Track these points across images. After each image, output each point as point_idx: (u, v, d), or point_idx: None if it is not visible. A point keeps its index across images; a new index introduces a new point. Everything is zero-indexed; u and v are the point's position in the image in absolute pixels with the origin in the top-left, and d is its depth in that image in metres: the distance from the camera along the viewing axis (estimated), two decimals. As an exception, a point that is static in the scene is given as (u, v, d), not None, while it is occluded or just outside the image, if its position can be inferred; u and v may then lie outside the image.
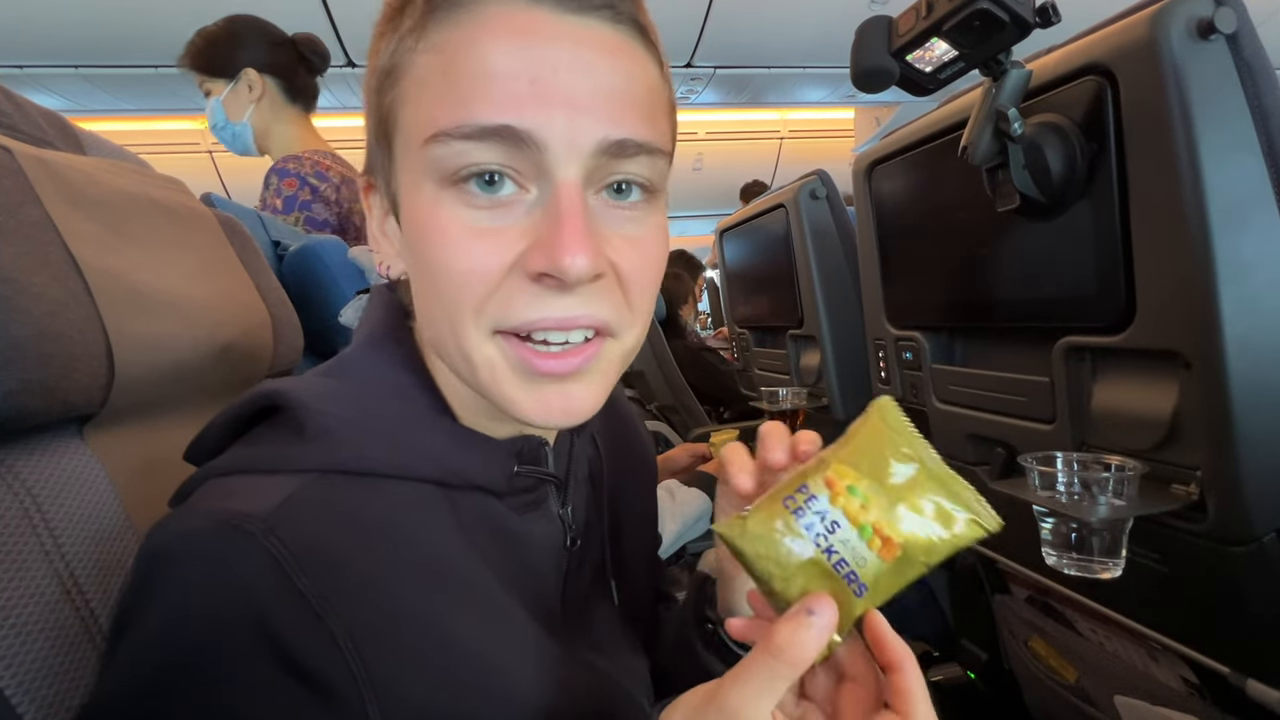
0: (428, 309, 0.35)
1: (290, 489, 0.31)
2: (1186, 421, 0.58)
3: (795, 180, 1.28)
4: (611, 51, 0.32)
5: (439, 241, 0.32)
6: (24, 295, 0.35)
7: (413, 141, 0.32)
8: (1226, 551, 0.59)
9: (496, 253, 0.31)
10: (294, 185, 1.28)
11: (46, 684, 0.33)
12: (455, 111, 0.30)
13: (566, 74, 0.30)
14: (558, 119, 0.30)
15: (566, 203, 0.31)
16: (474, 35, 0.31)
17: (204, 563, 0.28)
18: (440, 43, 0.31)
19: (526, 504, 0.40)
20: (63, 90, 2.59)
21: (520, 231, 0.32)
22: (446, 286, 0.32)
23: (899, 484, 0.30)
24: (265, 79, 1.31)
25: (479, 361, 0.33)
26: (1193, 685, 0.72)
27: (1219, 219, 0.53)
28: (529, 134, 0.30)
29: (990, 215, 0.69)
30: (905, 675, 0.29)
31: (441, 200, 0.32)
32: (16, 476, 0.36)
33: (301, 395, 0.34)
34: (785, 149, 4.28)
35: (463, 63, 0.31)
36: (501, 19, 0.31)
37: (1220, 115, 0.53)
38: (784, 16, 2.58)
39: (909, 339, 0.96)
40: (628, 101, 0.32)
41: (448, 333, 0.34)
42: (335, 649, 0.28)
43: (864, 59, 0.61)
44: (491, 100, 0.30)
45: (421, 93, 0.32)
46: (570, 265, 0.30)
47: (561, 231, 0.30)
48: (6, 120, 0.47)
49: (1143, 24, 0.55)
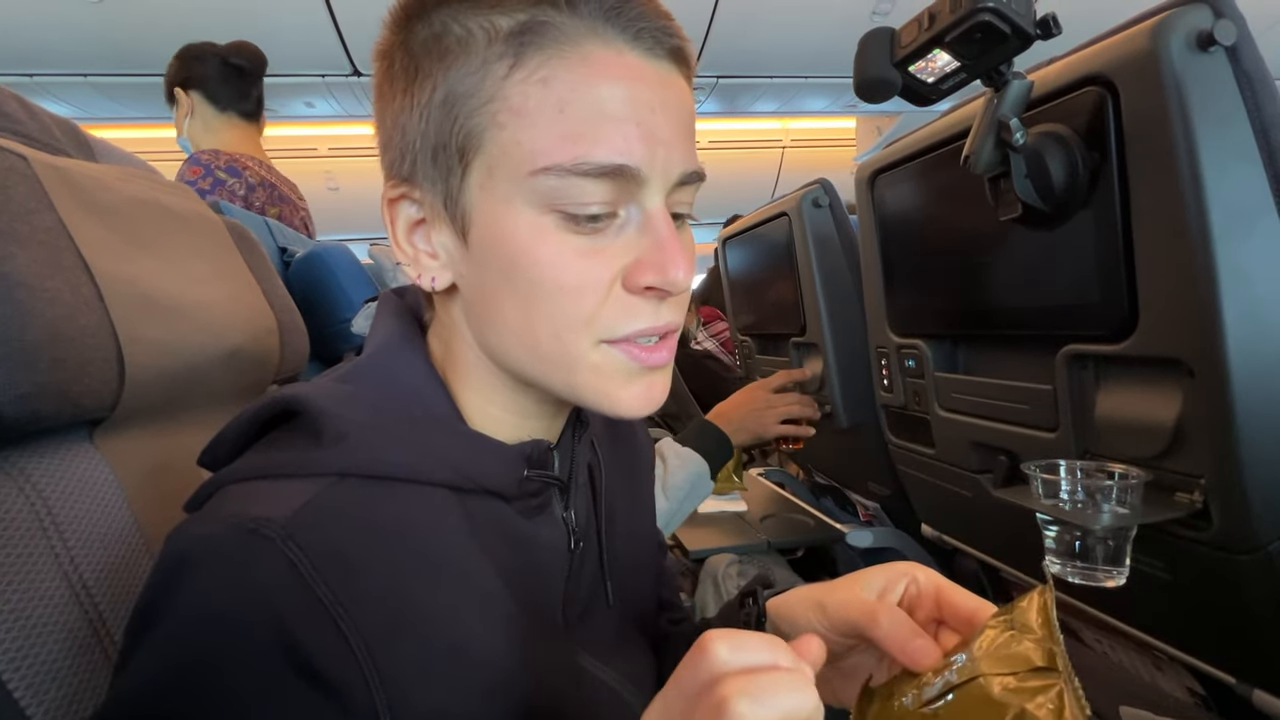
0: (516, 322, 0.36)
1: (308, 494, 0.31)
2: (1190, 429, 0.58)
3: (797, 189, 1.29)
4: (680, 91, 0.37)
5: (544, 261, 0.34)
6: (37, 300, 0.36)
7: (514, 168, 0.34)
8: (1232, 560, 0.58)
9: (602, 269, 0.35)
10: (198, 173, 1.33)
11: (54, 686, 0.33)
12: (572, 148, 0.33)
13: (660, 115, 0.35)
14: (658, 157, 0.34)
15: (665, 226, 0.35)
16: (587, 76, 0.33)
17: (223, 567, 0.28)
18: (547, 77, 0.33)
19: (533, 507, 0.40)
20: (72, 99, 2.62)
21: (618, 250, 0.35)
22: (554, 303, 0.35)
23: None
24: (191, 94, 1.41)
25: (586, 367, 0.36)
26: (1199, 696, 0.71)
27: (1220, 228, 0.53)
28: (637, 171, 0.34)
29: (992, 224, 0.70)
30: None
31: (544, 225, 0.34)
32: (27, 479, 0.36)
33: (318, 400, 0.35)
34: (787, 158, 4.29)
35: (578, 101, 0.33)
36: (610, 64, 0.34)
37: (1221, 125, 0.53)
38: (786, 26, 2.60)
39: (912, 347, 0.96)
40: (691, 136, 0.37)
41: (551, 345, 0.36)
42: (350, 654, 0.28)
43: (867, 70, 0.61)
44: (608, 140, 0.33)
45: (525, 122, 0.33)
46: (678, 279, 0.35)
47: (667, 250, 0.35)
48: (21, 128, 0.48)
49: (1144, 35, 0.55)
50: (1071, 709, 0.28)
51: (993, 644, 0.31)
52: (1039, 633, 0.31)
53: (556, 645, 0.38)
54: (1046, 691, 0.29)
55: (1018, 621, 0.32)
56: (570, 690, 0.37)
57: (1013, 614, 0.32)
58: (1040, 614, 0.31)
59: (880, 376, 1.06)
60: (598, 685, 0.40)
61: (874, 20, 2.56)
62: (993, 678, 0.30)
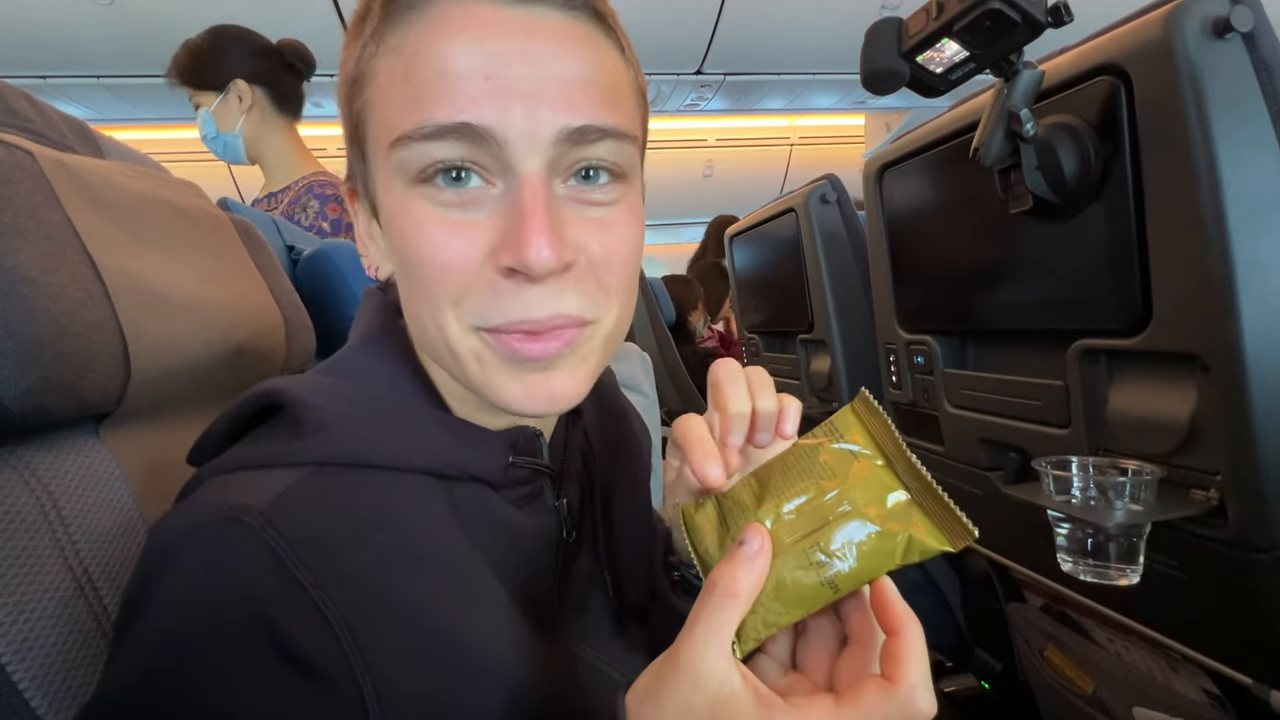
0: (412, 305, 0.36)
1: (288, 482, 0.31)
2: (1205, 425, 0.57)
3: (805, 184, 1.28)
4: (567, 40, 0.32)
5: (413, 236, 0.32)
6: (43, 295, 0.36)
7: (381, 145, 0.33)
8: (1248, 558, 0.57)
9: (467, 245, 0.32)
10: (338, 210, 1.32)
11: (59, 678, 0.34)
12: (414, 114, 0.31)
13: (520, 66, 0.31)
14: (515, 112, 0.30)
15: (529, 196, 0.31)
16: (429, 35, 0.31)
17: (203, 554, 0.28)
18: (398, 45, 0.32)
19: (522, 496, 0.40)
20: (85, 100, 2.65)
21: (489, 224, 0.32)
22: (424, 280, 0.33)
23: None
24: (254, 89, 1.33)
25: (463, 353, 0.34)
26: (1215, 697, 0.70)
27: (1237, 219, 0.52)
28: (488, 130, 0.30)
29: (1002, 217, 0.69)
30: (901, 640, 0.28)
31: (411, 197, 0.32)
32: (33, 473, 0.37)
33: (298, 392, 0.35)
34: (795, 155, 4.27)
35: (420, 64, 0.31)
36: (453, 16, 0.31)
37: (1237, 114, 0.52)
38: (793, 23, 2.59)
39: (920, 342, 0.95)
40: (585, 88, 0.32)
41: (431, 326, 0.34)
42: (333, 638, 0.28)
43: (874, 60, 0.61)
44: (448, 100, 0.30)
45: (384, 97, 0.32)
46: (535, 259, 0.30)
47: (524, 225, 0.31)
48: (29, 125, 0.48)
49: (1157, 23, 0.54)
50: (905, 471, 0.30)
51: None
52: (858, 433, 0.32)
53: (548, 632, 0.37)
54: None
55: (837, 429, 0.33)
56: (563, 677, 0.36)
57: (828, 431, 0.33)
58: (856, 425, 0.32)
59: (889, 373, 1.05)
60: (595, 675, 0.40)
61: (883, 15, 2.54)
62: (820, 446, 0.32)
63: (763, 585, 0.29)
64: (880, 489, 0.30)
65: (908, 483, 0.30)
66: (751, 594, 0.28)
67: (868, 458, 0.31)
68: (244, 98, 1.33)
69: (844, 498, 0.30)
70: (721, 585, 0.27)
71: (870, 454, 0.31)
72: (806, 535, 0.29)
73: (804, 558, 0.29)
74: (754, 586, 0.28)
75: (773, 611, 0.29)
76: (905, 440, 0.31)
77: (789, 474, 0.32)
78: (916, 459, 0.31)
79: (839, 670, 0.30)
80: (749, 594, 0.28)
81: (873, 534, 0.29)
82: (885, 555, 0.29)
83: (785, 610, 0.29)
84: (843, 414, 0.33)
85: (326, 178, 1.37)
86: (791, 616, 0.30)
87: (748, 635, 0.29)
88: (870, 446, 0.31)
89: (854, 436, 0.32)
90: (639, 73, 0.38)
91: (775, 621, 0.29)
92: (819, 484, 0.31)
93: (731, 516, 0.32)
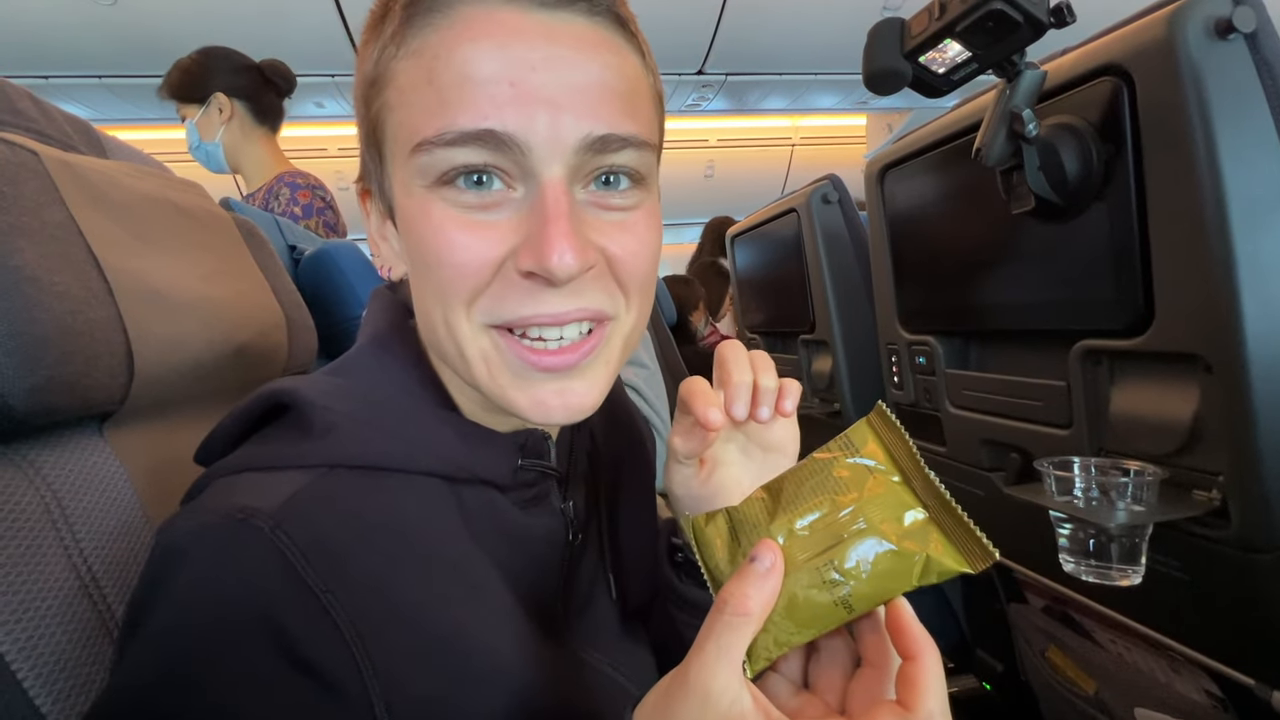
0: (424, 304, 0.36)
1: (297, 485, 0.31)
2: (1208, 426, 0.57)
3: (807, 185, 1.28)
4: (589, 46, 0.32)
5: (431, 236, 0.32)
6: (47, 294, 0.36)
7: (401, 149, 0.33)
8: (1250, 559, 0.57)
9: (487, 246, 0.32)
10: (307, 196, 1.42)
11: (63, 676, 0.34)
12: (438, 119, 0.31)
13: (544, 72, 0.31)
14: (539, 119, 0.31)
15: (552, 202, 0.31)
16: (451, 40, 0.31)
17: (212, 557, 0.29)
18: (419, 48, 0.31)
19: (529, 498, 0.40)
20: (87, 101, 2.65)
21: (510, 227, 0.32)
22: (439, 280, 0.33)
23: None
24: (233, 102, 1.45)
25: (473, 355, 0.34)
26: (1216, 698, 0.70)
27: (1240, 220, 0.52)
28: (511, 137, 0.30)
29: (1004, 218, 0.69)
30: (919, 665, 0.27)
31: (432, 199, 0.32)
32: (38, 471, 0.37)
33: (307, 393, 0.35)
34: (797, 156, 4.27)
35: (443, 69, 0.31)
36: (477, 21, 0.31)
37: (1240, 115, 0.52)
38: (795, 23, 2.58)
39: (922, 343, 0.95)
40: (608, 96, 0.32)
41: (442, 327, 0.34)
42: (341, 642, 0.28)
43: (876, 60, 0.61)
44: (473, 106, 0.30)
45: (406, 100, 0.32)
46: (557, 265, 0.30)
47: (547, 230, 0.31)
48: (33, 125, 0.48)
49: (1160, 24, 0.54)
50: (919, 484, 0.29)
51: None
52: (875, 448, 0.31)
53: (554, 636, 0.37)
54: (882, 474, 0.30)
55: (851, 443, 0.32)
56: (569, 681, 0.36)
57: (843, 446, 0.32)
58: (873, 439, 0.31)
59: (890, 373, 1.05)
60: (599, 677, 0.40)
61: (885, 15, 2.53)
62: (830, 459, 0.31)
63: (774, 603, 0.28)
64: (897, 506, 0.29)
65: (925, 501, 0.29)
66: (763, 613, 0.27)
67: (884, 473, 0.30)
68: (224, 109, 1.44)
69: (859, 514, 0.29)
70: (732, 603, 0.27)
71: (886, 470, 0.30)
72: (820, 553, 0.28)
73: (817, 576, 0.28)
74: (765, 605, 0.27)
75: (784, 631, 0.28)
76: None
77: (802, 488, 0.30)
78: (935, 476, 0.29)
79: (852, 693, 0.29)
80: (760, 613, 0.27)
81: (889, 553, 0.28)
82: (902, 576, 0.28)
83: (797, 630, 0.28)
84: (858, 427, 0.32)
85: (295, 170, 1.48)
86: (804, 636, 0.28)
87: (758, 654, 0.28)
88: (886, 462, 0.30)
89: (869, 451, 0.31)
90: (657, 78, 0.38)
91: (787, 641, 0.28)
92: (833, 499, 0.29)
93: (743, 530, 0.31)
